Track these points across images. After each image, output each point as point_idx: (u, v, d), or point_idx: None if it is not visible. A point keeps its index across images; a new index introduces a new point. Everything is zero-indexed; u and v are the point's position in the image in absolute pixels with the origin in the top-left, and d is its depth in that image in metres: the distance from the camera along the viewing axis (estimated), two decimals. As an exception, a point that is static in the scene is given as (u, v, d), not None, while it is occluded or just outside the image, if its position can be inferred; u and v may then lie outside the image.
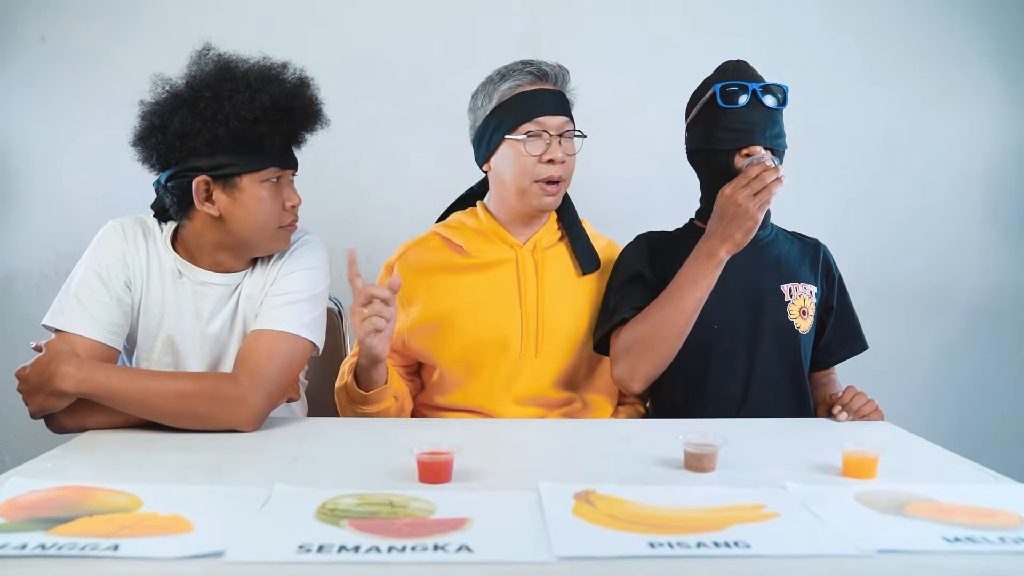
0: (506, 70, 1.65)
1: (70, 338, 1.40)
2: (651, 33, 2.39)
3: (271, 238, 1.49)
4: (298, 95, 1.46)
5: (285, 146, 1.49)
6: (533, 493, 1.03)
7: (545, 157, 1.60)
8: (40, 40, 2.30)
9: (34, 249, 2.33)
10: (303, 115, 1.48)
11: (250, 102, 1.40)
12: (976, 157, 2.48)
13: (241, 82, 1.42)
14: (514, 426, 1.51)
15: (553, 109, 1.61)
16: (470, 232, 1.72)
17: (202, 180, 1.42)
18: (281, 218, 1.49)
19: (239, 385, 1.37)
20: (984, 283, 2.52)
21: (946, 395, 2.53)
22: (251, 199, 1.44)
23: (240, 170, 1.42)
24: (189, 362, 1.53)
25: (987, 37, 2.45)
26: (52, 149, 2.32)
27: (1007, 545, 0.88)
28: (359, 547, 0.84)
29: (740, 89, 1.57)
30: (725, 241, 1.50)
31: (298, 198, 1.50)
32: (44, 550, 0.83)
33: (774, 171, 1.47)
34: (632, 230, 1.80)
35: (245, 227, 1.46)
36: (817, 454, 1.25)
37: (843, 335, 1.74)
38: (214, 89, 1.41)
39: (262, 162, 1.44)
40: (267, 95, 1.41)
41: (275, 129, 1.43)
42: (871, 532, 0.92)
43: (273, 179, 1.46)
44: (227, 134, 1.40)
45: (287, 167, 1.49)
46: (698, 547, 0.86)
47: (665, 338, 1.55)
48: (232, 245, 1.50)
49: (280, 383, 1.44)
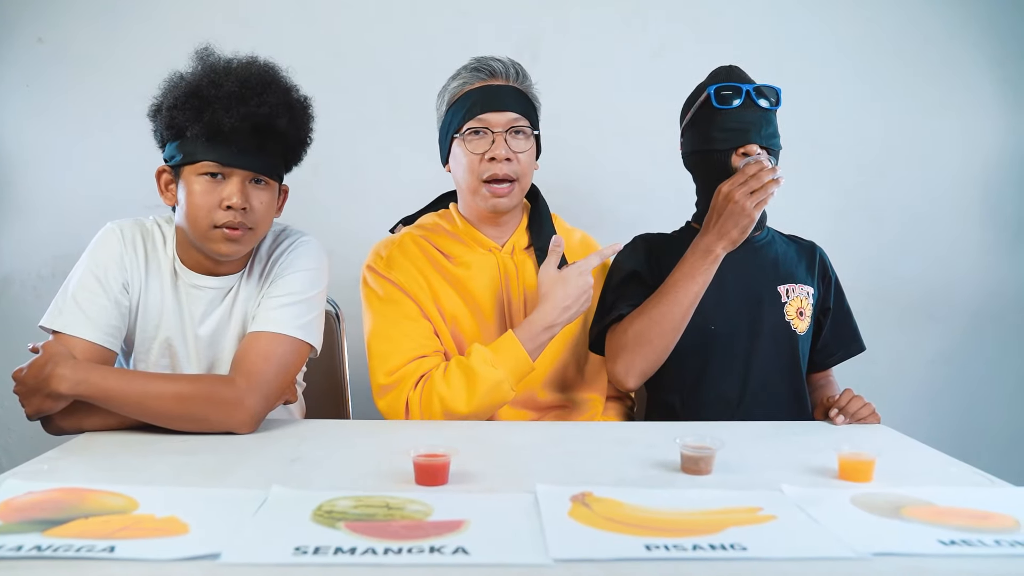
0: (460, 69, 1.64)
1: (67, 340, 1.40)
2: (650, 37, 2.39)
3: (204, 236, 1.43)
4: (222, 84, 1.39)
5: (223, 139, 1.40)
6: (530, 495, 1.03)
7: (488, 155, 1.58)
8: (38, 41, 2.29)
9: (31, 251, 2.33)
10: (222, 104, 1.38)
11: (175, 90, 1.42)
12: (973, 161, 2.49)
13: (185, 75, 1.44)
14: (511, 429, 1.51)
15: (496, 106, 1.58)
16: (444, 236, 1.70)
17: (161, 169, 1.48)
18: (214, 216, 1.41)
19: (235, 387, 1.37)
20: (981, 287, 2.52)
21: (943, 398, 2.53)
22: (187, 191, 1.43)
23: (180, 161, 1.43)
24: (186, 365, 1.53)
25: (984, 42, 2.46)
26: (49, 150, 2.32)
27: (1003, 548, 0.89)
28: (355, 549, 0.84)
29: (734, 92, 1.58)
30: (721, 238, 1.51)
31: (241, 200, 1.41)
32: (40, 552, 0.83)
33: (771, 171, 1.48)
34: (631, 232, 1.80)
35: (184, 220, 1.45)
36: (814, 457, 1.25)
37: (840, 337, 1.75)
38: (168, 83, 1.45)
39: (195, 155, 1.41)
40: (192, 84, 1.41)
41: (196, 118, 1.39)
42: (867, 535, 0.92)
43: (212, 174, 1.41)
44: (164, 124, 1.43)
45: (231, 164, 1.41)
46: (694, 549, 0.86)
47: (661, 333, 1.55)
48: (192, 243, 1.49)
49: (277, 385, 1.43)
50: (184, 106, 1.39)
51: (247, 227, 1.44)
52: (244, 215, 1.42)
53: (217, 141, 1.40)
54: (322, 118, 1.65)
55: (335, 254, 2.32)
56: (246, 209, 1.42)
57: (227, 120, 1.37)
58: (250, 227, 1.44)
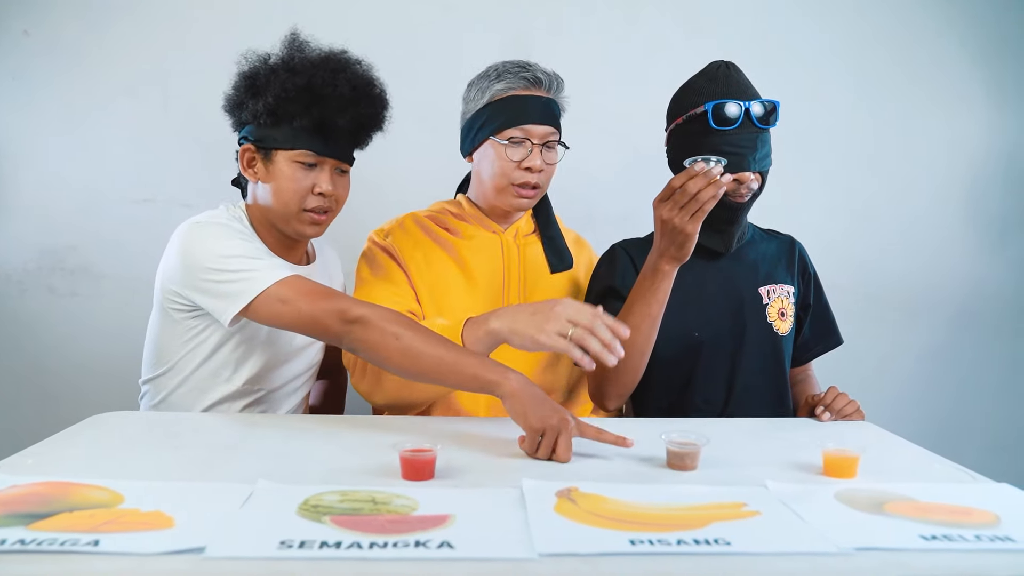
0: (503, 69, 1.65)
1: (299, 282, 1.42)
2: (640, 36, 2.40)
3: (294, 218, 1.55)
4: (339, 84, 1.51)
5: (323, 133, 1.52)
6: (516, 490, 1.03)
7: (524, 164, 1.61)
8: (23, 33, 2.28)
9: (16, 244, 2.31)
10: (338, 105, 1.51)
11: (289, 81, 1.48)
12: (958, 160, 2.51)
13: (294, 62, 1.51)
14: (497, 424, 1.51)
15: (540, 118, 1.62)
16: (449, 216, 1.73)
17: (246, 148, 1.55)
18: (305, 201, 1.54)
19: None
20: (966, 285, 2.54)
21: (928, 395, 2.56)
22: (280, 174, 1.53)
23: (276, 145, 1.52)
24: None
25: (971, 42, 2.47)
26: (35, 143, 2.30)
27: (983, 543, 0.89)
28: (340, 543, 0.84)
29: (732, 107, 1.52)
30: (664, 256, 1.46)
31: (331, 187, 1.54)
32: (24, 545, 0.82)
33: (713, 186, 1.35)
34: (618, 232, 1.80)
35: (271, 200, 1.55)
36: (799, 453, 1.26)
37: (818, 331, 1.76)
38: (272, 65, 1.52)
39: (295, 142, 1.51)
40: (303, 77, 1.49)
41: (305, 111, 1.49)
42: (850, 530, 0.93)
43: (308, 163, 1.53)
44: (266, 109, 1.49)
45: (328, 155, 1.54)
46: (678, 544, 0.87)
47: (628, 356, 1.52)
48: (268, 222, 1.58)
49: None
50: (296, 99, 1.49)
51: (331, 211, 1.59)
52: (330, 201, 1.56)
53: (320, 133, 1.52)
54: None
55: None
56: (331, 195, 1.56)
57: (340, 120, 1.51)
58: (332, 211, 1.59)
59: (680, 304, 1.62)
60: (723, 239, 1.63)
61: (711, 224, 1.58)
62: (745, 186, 1.55)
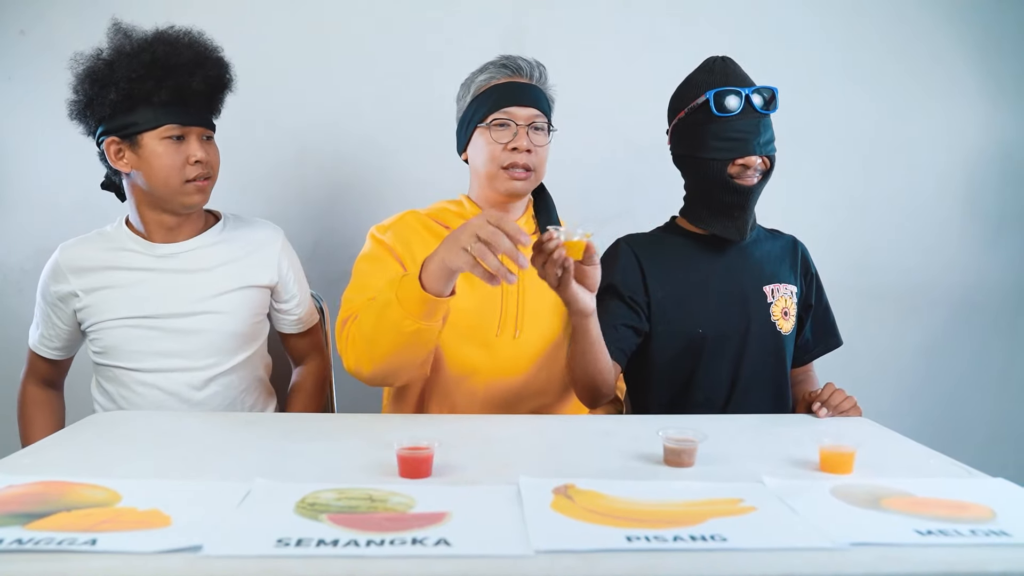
0: (486, 64, 1.70)
1: None
2: (635, 30, 2.39)
3: (178, 192, 1.60)
4: (181, 52, 1.56)
5: (182, 103, 1.57)
6: (512, 487, 1.04)
7: (511, 145, 1.62)
8: (19, 33, 2.27)
9: (13, 244, 2.31)
10: (188, 71, 1.56)
11: (134, 62, 1.53)
12: (956, 155, 2.51)
13: (129, 46, 1.55)
14: (494, 422, 1.51)
15: (522, 101, 1.63)
16: (451, 214, 1.73)
17: (110, 141, 1.58)
18: (184, 172, 1.58)
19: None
20: (963, 279, 2.54)
21: (925, 391, 2.56)
22: (152, 155, 1.57)
23: (139, 128, 1.55)
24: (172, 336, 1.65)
25: (968, 36, 2.47)
26: (31, 143, 2.30)
27: (978, 538, 0.90)
28: (338, 541, 0.85)
29: (734, 96, 1.56)
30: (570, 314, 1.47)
31: (204, 154, 1.60)
32: (22, 545, 0.82)
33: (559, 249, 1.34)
34: (617, 227, 1.80)
35: (152, 182, 1.58)
36: (795, 449, 1.26)
37: (820, 332, 1.76)
38: (107, 57, 1.56)
39: (158, 119, 1.55)
40: (148, 54, 1.53)
41: (160, 86, 1.53)
42: (846, 526, 0.93)
43: (176, 135, 1.57)
44: (120, 96, 1.53)
45: (192, 123, 1.58)
46: (675, 540, 0.87)
47: (575, 364, 1.53)
48: (153, 203, 1.63)
49: None
50: (148, 75, 1.53)
51: (211, 177, 1.64)
52: (207, 167, 1.62)
53: (177, 105, 1.56)
54: (306, 109, 1.66)
55: (319, 246, 2.34)
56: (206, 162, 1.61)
57: (194, 84, 1.56)
58: (212, 176, 1.65)
59: (684, 300, 1.62)
60: (736, 226, 1.63)
61: (723, 212, 1.60)
62: (752, 169, 1.58)
